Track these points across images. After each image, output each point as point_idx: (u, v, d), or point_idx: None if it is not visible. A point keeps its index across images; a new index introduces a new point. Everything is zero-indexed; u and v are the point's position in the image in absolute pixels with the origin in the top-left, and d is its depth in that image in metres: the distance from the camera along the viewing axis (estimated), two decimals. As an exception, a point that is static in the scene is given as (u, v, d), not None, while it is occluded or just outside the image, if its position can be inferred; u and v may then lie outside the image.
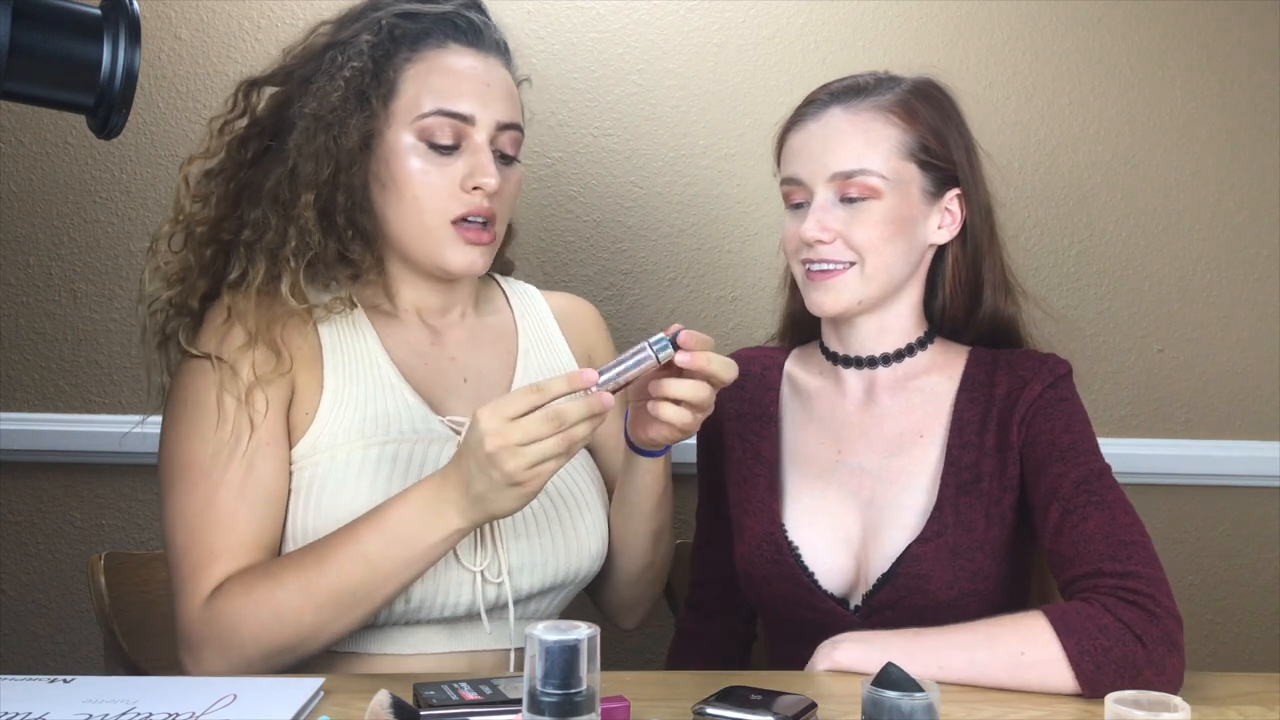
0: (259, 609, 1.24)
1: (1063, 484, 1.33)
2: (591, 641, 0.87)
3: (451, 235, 1.36)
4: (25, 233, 1.92)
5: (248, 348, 1.32)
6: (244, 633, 1.24)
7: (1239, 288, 2.05)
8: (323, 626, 1.24)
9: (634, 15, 1.98)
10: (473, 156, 1.35)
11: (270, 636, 1.24)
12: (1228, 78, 2.02)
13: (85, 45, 1.00)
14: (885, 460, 1.43)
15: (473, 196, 1.35)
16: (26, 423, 1.92)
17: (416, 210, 1.35)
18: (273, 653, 1.25)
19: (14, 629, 1.95)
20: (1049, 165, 2.03)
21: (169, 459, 1.33)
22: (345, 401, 1.35)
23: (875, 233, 1.38)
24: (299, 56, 1.39)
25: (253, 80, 1.40)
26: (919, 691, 0.94)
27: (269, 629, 1.24)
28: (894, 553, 1.38)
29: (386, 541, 1.22)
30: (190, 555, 1.28)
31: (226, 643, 1.24)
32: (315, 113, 1.33)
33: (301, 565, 1.25)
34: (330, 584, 1.23)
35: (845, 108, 1.41)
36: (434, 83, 1.35)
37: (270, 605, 1.23)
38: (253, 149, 1.38)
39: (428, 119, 1.34)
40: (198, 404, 1.32)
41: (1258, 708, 1.20)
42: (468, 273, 1.39)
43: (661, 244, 2.01)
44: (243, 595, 1.25)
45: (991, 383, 1.43)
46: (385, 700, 0.98)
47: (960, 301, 1.47)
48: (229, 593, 1.25)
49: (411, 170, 1.34)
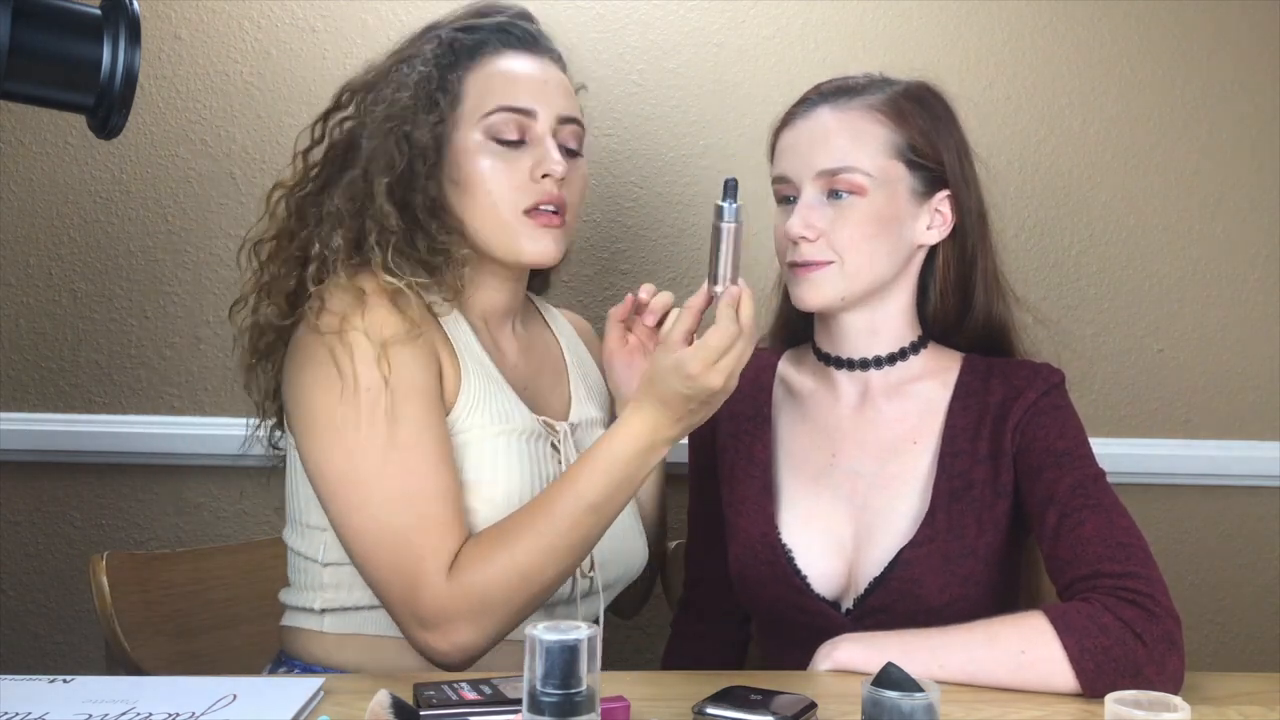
0: (506, 575, 1.26)
1: (1058, 489, 1.33)
2: (591, 641, 0.87)
3: (526, 224, 1.39)
4: (25, 233, 1.92)
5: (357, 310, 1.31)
6: (495, 600, 1.26)
7: (1239, 288, 2.05)
8: (561, 576, 1.30)
9: (634, 15, 1.98)
10: (537, 148, 1.40)
11: (521, 599, 1.27)
12: (1228, 78, 2.02)
13: (85, 45, 1.00)
14: (879, 465, 1.44)
15: (542, 185, 1.39)
16: (26, 423, 1.92)
17: (490, 204, 1.39)
18: (523, 613, 1.29)
19: (14, 629, 1.95)
20: (1049, 165, 2.03)
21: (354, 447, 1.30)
22: (479, 391, 1.38)
23: (858, 232, 1.38)
24: (368, 83, 1.44)
25: (328, 111, 1.45)
26: (919, 691, 0.94)
27: (518, 592, 1.27)
28: (885, 557, 1.38)
29: (610, 486, 1.26)
30: (420, 534, 1.27)
31: (480, 613, 1.26)
32: (386, 114, 1.38)
33: (534, 527, 1.27)
34: (566, 538, 1.27)
35: (834, 107, 1.42)
36: (495, 84, 1.41)
37: (516, 569, 1.26)
38: (329, 172, 1.43)
39: (492, 116, 1.39)
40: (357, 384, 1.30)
41: (1258, 708, 1.20)
42: (543, 260, 1.42)
43: (661, 244, 2.01)
44: (486, 564, 1.26)
45: (985, 390, 1.44)
46: (385, 700, 0.99)
47: (951, 303, 1.47)
48: (469, 565, 1.27)
49: (482, 168, 1.39)
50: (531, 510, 1.29)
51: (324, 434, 1.32)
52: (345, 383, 1.30)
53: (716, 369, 1.21)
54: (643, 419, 1.26)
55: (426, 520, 1.28)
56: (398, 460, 1.29)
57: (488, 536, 1.29)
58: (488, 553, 1.27)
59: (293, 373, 1.36)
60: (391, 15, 1.91)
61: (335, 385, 1.30)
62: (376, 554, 1.29)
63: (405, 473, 1.29)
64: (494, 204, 1.39)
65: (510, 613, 1.28)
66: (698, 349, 1.21)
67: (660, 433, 1.26)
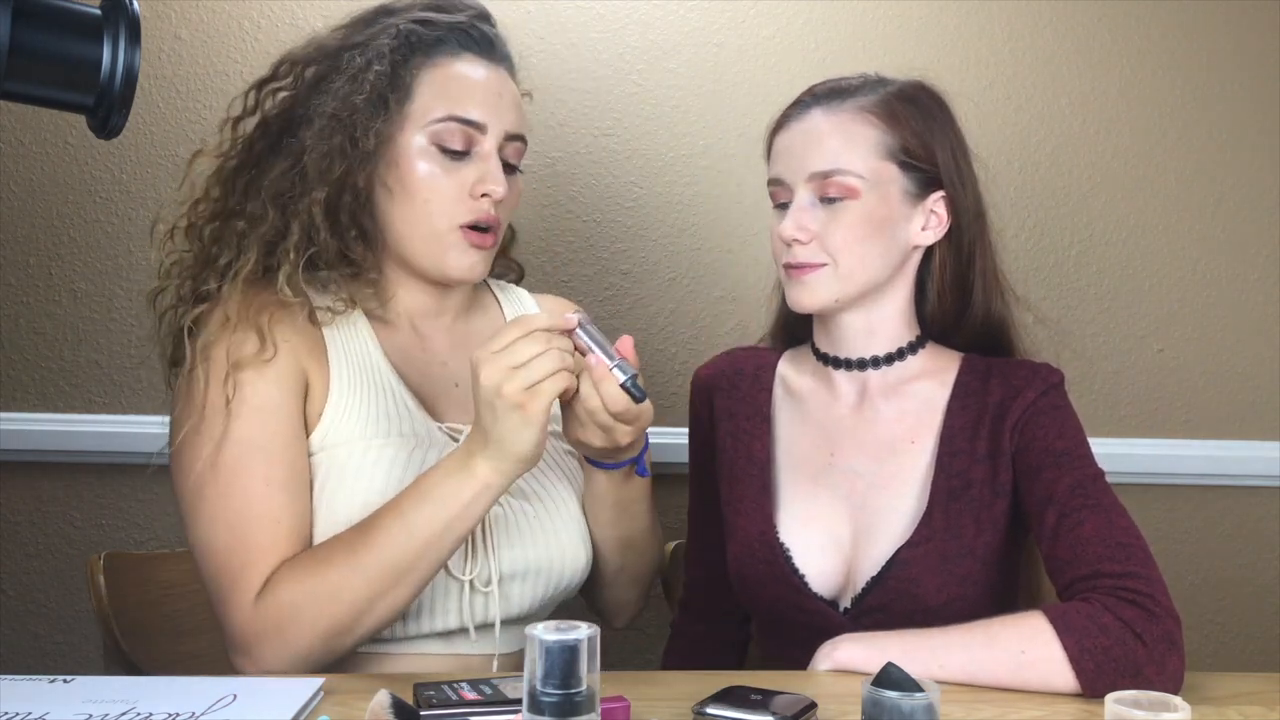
0: (314, 593, 1.24)
1: (1058, 489, 1.33)
2: (591, 641, 0.87)
3: (458, 239, 1.37)
4: (25, 233, 1.92)
5: (224, 330, 1.32)
6: (302, 620, 1.23)
7: (1239, 288, 2.05)
8: (375, 602, 1.24)
9: (634, 15, 1.98)
10: (482, 164, 1.37)
11: (327, 619, 1.24)
12: (1228, 78, 2.02)
13: (85, 45, 1.00)
14: (877, 465, 1.44)
15: (480, 203, 1.36)
16: (26, 423, 1.92)
17: (425, 213, 1.36)
18: (330, 636, 1.24)
19: (14, 629, 1.95)
20: (1049, 165, 2.03)
21: (189, 465, 1.31)
22: (351, 399, 1.35)
23: (851, 234, 1.38)
24: (310, 57, 1.40)
25: (263, 80, 1.41)
26: (919, 691, 0.94)
27: (325, 612, 1.23)
28: (883, 557, 1.38)
29: (425, 507, 1.23)
30: (236, 555, 1.27)
31: (284, 633, 1.23)
32: (335, 113, 1.34)
33: (349, 544, 1.25)
34: (379, 558, 1.23)
35: (826, 109, 1.42)
36: (449, 89, 1.37)
37: (325, 587, 1.23)
38: (259, 147, 1.39)
39: (441, 124, 1.36)
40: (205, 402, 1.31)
41: (1258, 708, 1.20)
42: (468, 278, 1.40)
43: (661, 244, 2.01)
44: (294, 583, 1.25)
45: (984, 390, 1.43)
46: (385, 700, 0.98)
47: (948, 302, 1.47)
48: (280, 583, 1.25)
49: (421, 174, 1.36)
50: (354, 530, 1.26)
51: (176, 447, 1.33)
52: (194, 400, 1.31)
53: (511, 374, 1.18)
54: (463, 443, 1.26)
55: (244, 543, 1.27)
56: (218, 482, 1.28)
57: (307, 555, 1.27)
58: (301, 572, 1.25)
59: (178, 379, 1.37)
60: (391, 15, 1.91)
61: (189, 401, 1.31)
62: (203, 571, 1.30)
63: (223, 495, 1.28)
64: (429, 213, 1.36)
65: (318, 634, 1.24)
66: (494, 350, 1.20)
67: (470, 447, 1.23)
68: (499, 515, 1.36)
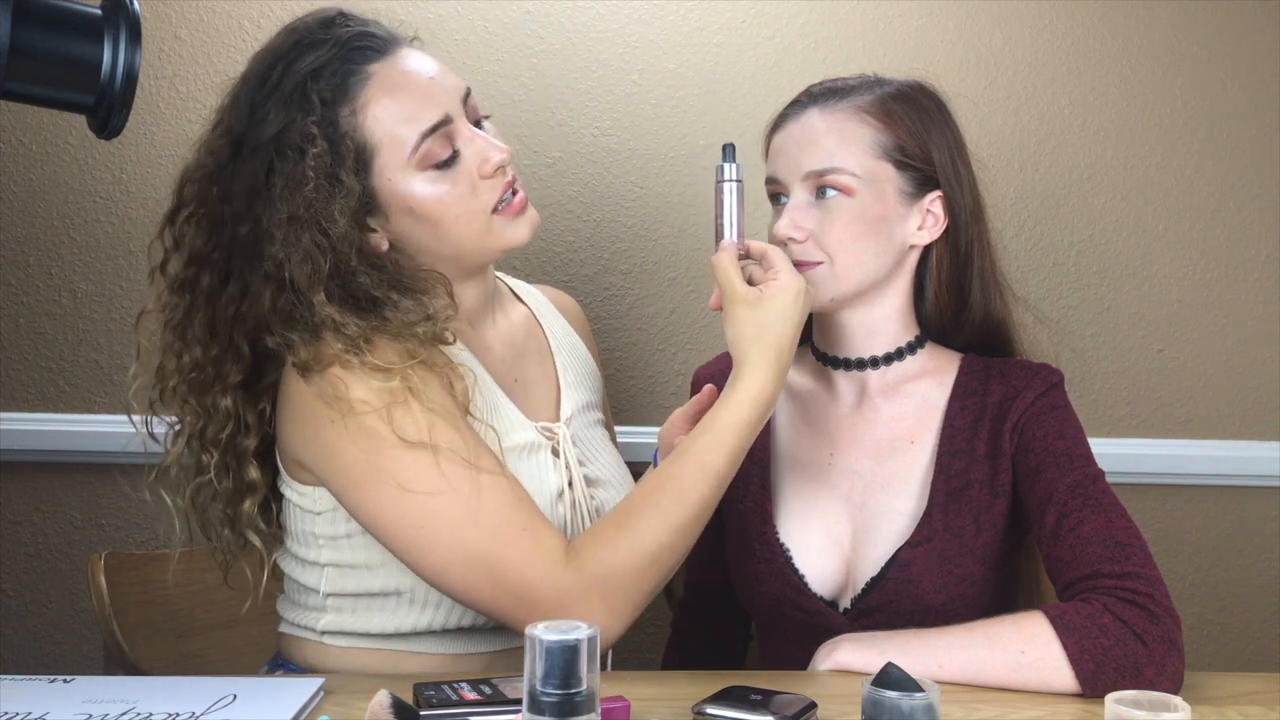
0: (635, 556, 1.24)
1: (1058, 489, 1.33)
2: (591, 641, 0.87)
3: (498, 220, 1.36)
4: (25, 233, 1.92)
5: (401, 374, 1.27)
6: (626, 581, 1.23)
7: (1239, 288, 2.05)
8: (687, 550, 1.29)
9: (634, 15, 1.98)
10: (470, 146, 1.34)
11: (651, 580, 1.25)
12: (1228, 78, 2.02)
13: (85, 45, 1.00)
14: (876, 464, 1.44)
15: (494, 180, 1.35)
16: (26, 423, 1.92)
17: (458, 223, 1.34)
18: (653, 594, 1.27)
19: (14, 629, 1.95)
20: (1049, 165, 2.03)
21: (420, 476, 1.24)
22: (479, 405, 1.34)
23: (846, 232, 1.38)
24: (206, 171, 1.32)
25: (172, 212, 1.34)
26: (919, 691, 0.94)
27: (647, 574, 1.24)
28: (883, 557, 1.39)
29: (732, 453, 1.28)
30: (514, 530, 1.24)
31: (609, 593, 1.23)
32: (292, 215, 1.27)
33: (658, 505, 1.26)
34: (692, 512, 1.26)
35: (823, 109, 1.42)
36: (395, 112, 1.31)
37: (645, 550, 1.24)
38: (207, 282, 1.31)
39: (420, 149, 1.31)
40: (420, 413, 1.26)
41: (1258, 708, 1.20)
42: (524, 241, 1.39)
43: (661, 244, 2.01)
44: (608, 548, 1.24)
45: (984, 390, 1.43)
46: (385, 700, 0.99)
47: (947, 301, 1.47)
48: (590, 552, 1.24)
49: (431, 199, 1.32)
50: (655, 490, 1.27)
51: (370, 484, 1.26)
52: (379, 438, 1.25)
53: (776, 273, 1.29)
54: (739, 388, 1.28)
55: (516, 516, 1.25)
56: (458, 491, 1.24)
57: (609, 523, 1.27)
58: (610, 538, 1.25)
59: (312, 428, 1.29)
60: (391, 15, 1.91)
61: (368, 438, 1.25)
62: (477, 570, 1.24)
63: (487, 484, 1.25)
64: (461, 220, 1.34)
65: (643, 593, 1.25)
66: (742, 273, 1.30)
67: (769, 390, 1.28)
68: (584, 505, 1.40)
